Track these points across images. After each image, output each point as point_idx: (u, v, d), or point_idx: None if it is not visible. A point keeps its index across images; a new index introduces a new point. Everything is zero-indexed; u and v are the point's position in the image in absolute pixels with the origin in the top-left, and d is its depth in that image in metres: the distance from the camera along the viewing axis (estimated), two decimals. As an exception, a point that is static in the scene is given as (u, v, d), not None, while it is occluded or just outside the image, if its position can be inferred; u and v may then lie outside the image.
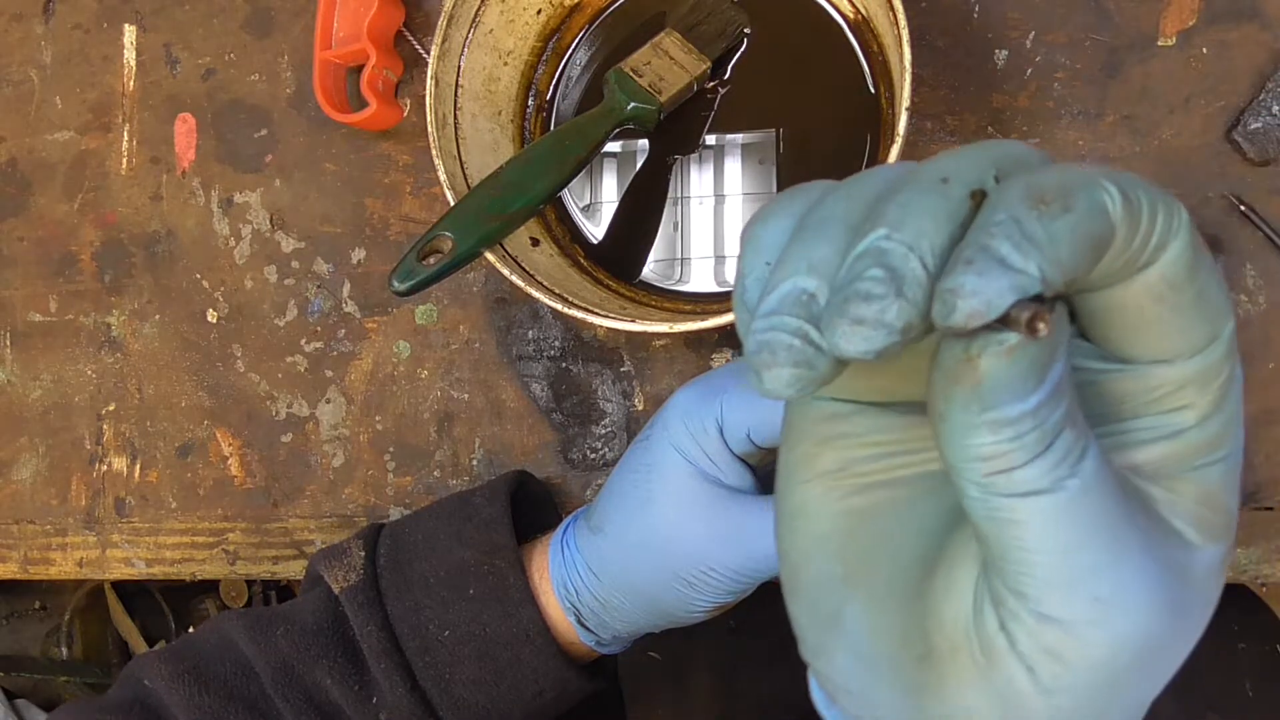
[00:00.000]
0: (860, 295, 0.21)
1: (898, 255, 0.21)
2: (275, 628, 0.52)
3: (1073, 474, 0.22)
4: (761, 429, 0.46)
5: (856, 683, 0.27)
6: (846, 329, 0.21)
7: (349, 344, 0.66)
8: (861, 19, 0.57)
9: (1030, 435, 0.22)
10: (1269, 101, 0.52)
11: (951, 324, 0.20)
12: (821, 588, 0.27)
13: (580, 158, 0.55)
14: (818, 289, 0.23)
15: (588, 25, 0.62)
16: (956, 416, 0.22)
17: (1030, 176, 0.21)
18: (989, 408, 0.21)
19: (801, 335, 0.22)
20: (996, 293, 0.20)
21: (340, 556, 0.54)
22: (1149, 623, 0.23)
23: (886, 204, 0.22)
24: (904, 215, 0.21)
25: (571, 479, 0.62)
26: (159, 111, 0.71)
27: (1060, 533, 0.22)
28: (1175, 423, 0.24)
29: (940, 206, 0.22)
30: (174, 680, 0.51)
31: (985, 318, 0.20)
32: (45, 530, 0.71)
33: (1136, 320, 0.23)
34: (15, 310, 0.72)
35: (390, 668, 0.50)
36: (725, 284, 0.58)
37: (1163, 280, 0.23)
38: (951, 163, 0.22)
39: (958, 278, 0.20)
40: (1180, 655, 0.25)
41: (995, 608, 0.24)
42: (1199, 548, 0.25)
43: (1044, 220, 0.21)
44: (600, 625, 0.51)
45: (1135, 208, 0.22)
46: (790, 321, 0.22)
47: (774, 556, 0.46)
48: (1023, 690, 0.24)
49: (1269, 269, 0.53)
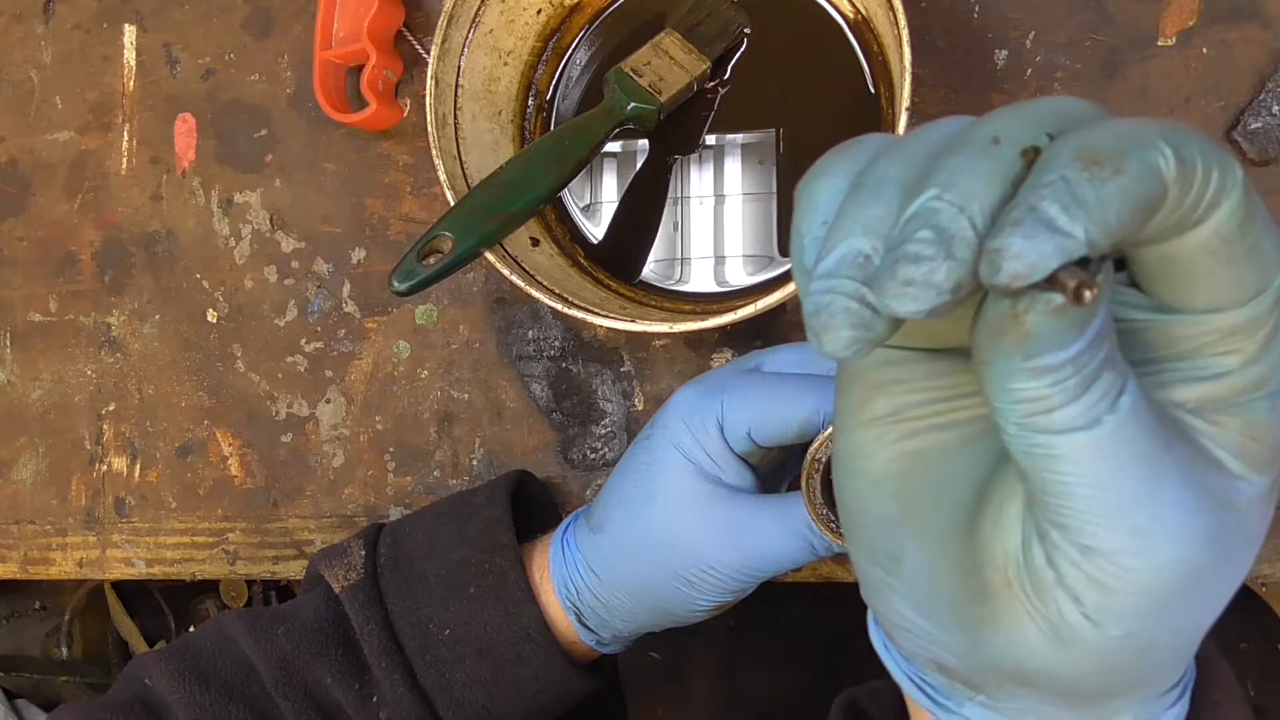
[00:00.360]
0: (910, 257, 0.21)
1: (947, 215, 0.21)
2: (276, 626, 0.52)
3: (1110, 410, 0.23)
4: (762, 428, 0.46)
5: (915, 621, 0.28)
6: (897, 290, 0.21)
7: (349, 344, 0.66)
8: (861, 19, 0.57)
9: (1071, 380, 0.22)
10: (1269, 101, 0.52)
11: (996, 283, 0.21)
12: (879, 529, 0.28)
13: (580, 158, 0.55)
14: (872, 250, 0.23)
15: (588, 25, 0.62)
16: (1000, 364, 0.22)
17: (1083, 135, 0.22)
18: (1032, 356, 0.22)
19: (859, 298, 0.23)
20: (1041, 256, 0.20)
21: (341, 556, 0.54)
22: (1188, 550, 0.24)
23: (938, 164, 0.22)
24: (955, 177, 0.22)
25: (571, 479, 0.62)
26: (159, 111, 0.71)
27: (1097, 465, 0.23)
28: (1220, 365, 0.25)
29: (992, 168, 0.22)
30: (174, 679, 0.51)
31: (1030, 279, 0.21)
32: (45, 530, 0.71)
33: (1187, 272, 0.24)
34: (15, 310, 0.72)
35: (391, 667, 0.50)
36: (725, 284, 0.58)
37: (1215, 236, 0.23)
38: (1004, 121, 0.23)
39: (1004, 239, 0.21)
40: (1227, 586, 0.26)
41: (1041, 542, 0.24)
42: (1242, 478, 0.25)
43: (1094, 183, 0.21)
44: (601, 625, 0.51)
45: (1189, 167, 0.22)
46: (847, 284, 0.23)
47: (774, 555, 0.46)
48: (1072, 620, 0.25)
49: (1269, 269, 0.53)
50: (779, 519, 0.46)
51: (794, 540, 0.45)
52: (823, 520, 0.43)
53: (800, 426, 0.45)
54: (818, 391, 0.45)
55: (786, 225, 0.57)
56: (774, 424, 0.45)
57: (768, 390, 0.46)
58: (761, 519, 0.46)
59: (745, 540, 0.46)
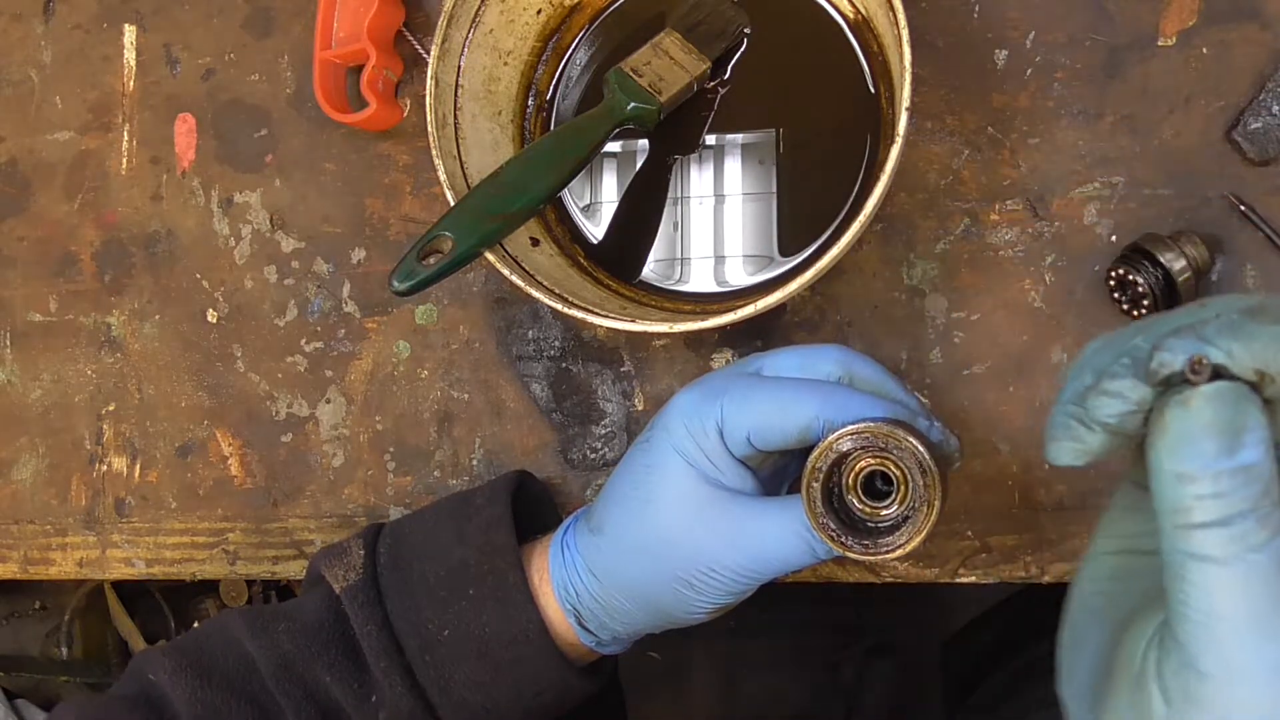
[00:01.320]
0: (1110, 373, 0.29)
1: (1142, 349, 0.29)
2: (277, 624, 0.52)
3: (1242, 556, 0.26)
4: (762, 432, 0.45)
5: (1069, 697, 0.34)
6: (1095, 398, 0.29)
7: (349, 344, 0.66)
8: (861, 19, 0.57)
9: (1210, 500, 0.26)
10: (1269, 101, 0.52)
11: (1148, 377, 0.27)
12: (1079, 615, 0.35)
13: (580, 158, 0.55)
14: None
15: (588, 25, 0.62)
16: (1154, 462, 0.28)
17: (1256, 300, 0.28)
18: (1174, 454, 0.27)
19: (1077, 416, 0.30)
20: (1182, 348, 0.27)
21: (340, 555, 0.54)
22: (1272, 701, 0.27)
23: (1149, 327, 0.30)
24: (1153, 326, 0.30)
25: (571, 479, 0.62)
26: (159, 111, 0.71)
27: (1215, 599, 0.27)
28: None
29: (1185, 327, 0.29)
30: (177, 674, 0.51)
31: (1172, 366, 0.27)
32: (45, 530, 0.71)
33: None
34: (15, 310, 0.72)
35: (390, 667, 0.50)
36: (725, 284, 0.58)
37: None
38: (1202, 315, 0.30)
39: (1163, 340, 0.28)
40: None
41: (1160, 642, 0.29)
42: None
43: (1247, 317, 0.27)
44: (600, 626, 0.51)
45: None
46: (1069, 407, 0.30)
47: (774, 557, 0.46)
48: (1156, 713, 0.29)
49: (1269, 269, 0.53)
50: (779, 521, 0.45)
51: (794, 542, 0.45)
52: (823, 528, 0.43)
53: (800, 432, 0.45)
54: (818, 397, 0.45)
55: (786, 225, 0.57)
56: (774, 429, 0.45)
57: (768, 394, 0.46)
58: (761, 521, 0.46)
59: (745, 542, 0.46)
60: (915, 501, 0.42)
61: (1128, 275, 0.51)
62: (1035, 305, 0.55)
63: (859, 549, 0.43)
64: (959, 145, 0.57)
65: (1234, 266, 0.53)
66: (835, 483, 0.44)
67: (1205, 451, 0.26)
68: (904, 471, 0.43)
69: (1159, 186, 0.54)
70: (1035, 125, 0.56)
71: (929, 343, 0.56)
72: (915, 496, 0.42)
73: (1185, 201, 0.54)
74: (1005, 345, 0.56)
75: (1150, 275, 0.50)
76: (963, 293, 0.56)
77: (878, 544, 0.43)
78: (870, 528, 0.44)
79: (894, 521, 0.43)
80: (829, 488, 0.44)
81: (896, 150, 0.48)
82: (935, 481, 0.42)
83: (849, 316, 0.58)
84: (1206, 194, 0.53)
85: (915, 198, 0.57)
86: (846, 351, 0.49)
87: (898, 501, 0.43)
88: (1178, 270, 0.50)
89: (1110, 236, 0.54)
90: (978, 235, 0.56)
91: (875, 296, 0.57)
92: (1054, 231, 0.55)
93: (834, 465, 0.44)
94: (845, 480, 0.44)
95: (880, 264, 0.57)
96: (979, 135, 0.57)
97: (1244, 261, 0.53)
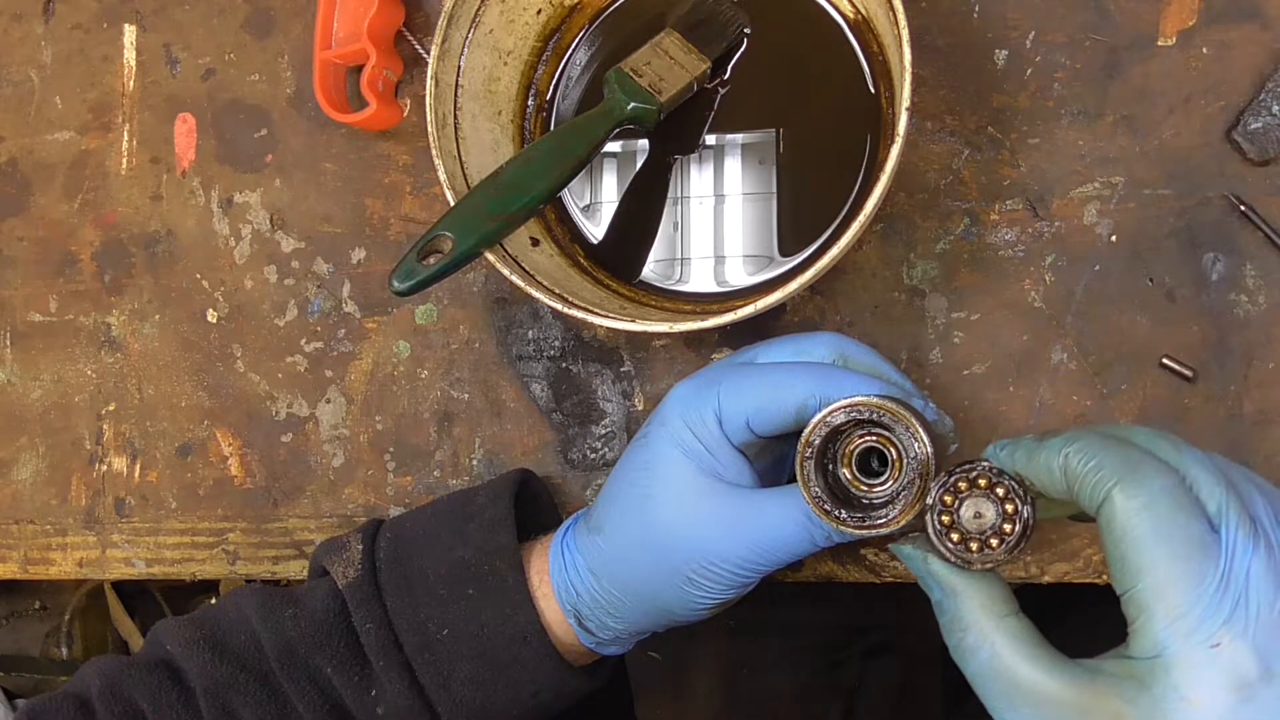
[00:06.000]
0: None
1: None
2: (285, 610, 0.53)
3: None
4: (759, 416, 0.46)
5: None
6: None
7: (349, 344, 0.66)
8: (861, 19, 0.57)
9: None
10: (1269, 101, 0.52)
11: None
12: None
13: (580, 158, 0.55)
14: None
15: (588, 25, 0.62)
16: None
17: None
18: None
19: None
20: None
21: (340, 551, 0.54)
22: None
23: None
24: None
25: (571, 479, 0.62)
26: (159, 111, 0.71)
27: None
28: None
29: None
30: (190, 646, 0.52)
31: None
32: (45, 530, 0.71)
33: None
34: (15, 310, 0.72)
35: (389, 664, 0.51)
36: (725, 284, 0.58)
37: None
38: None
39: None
40: None
41: None
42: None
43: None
44: (601, 626, 0.51)
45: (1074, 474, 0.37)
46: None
47: (775, 545, 0.46)
48: None
49: (1269, 269, 0.53)
50: (778, 507, 0.46)
51: (792, 528, 0.45)
52: (816, 502, 0.43)
53: (797, 411, 0.45)
54: (812, 377, 0.45)
55: (786, 225, 0.58)
56: (771, 411, 0.45)
57: (763, 379, 0.46)
58: (760, 508, 0.46)
59: (745, 531, 0.46)
60: (910, 474, 0.42)
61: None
62: (1035, 305, 0.55)
63: (852, 522, 0.43)
64: (959, 145, 0.57)
65: (1234, 266, 0.53)
66: (830, 458, 0.44)
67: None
68: (898, 446, 0.43)
69: (1159, 186, 0.54)
70: (1035, 125, 0.56)
71: (929, 343, 0.56)
72: (910, 469, 0.42)
73: (1185, 201, 0.54)
74: (1005, 345, 0.56)
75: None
76: (963, 292, 0.56)
77: (871, 517, 0.43)
78: (865, 503, 0.44)
79: (888, 497, 0.44)
80: (823, 463, 0.44)
81: (896, 150, 0.48)
82: (929, 456, 0.42)
83: (849, 316, 0.58)
84: (1206, 194, 0.53)
85: (915, 198, 0.57)
86: (839, 337, 0.49)
87: (892, 478, 0.43)
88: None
89: (1110, 236, 0.54)
90: (978, 235, 0.56)
91: (875, 296, 0.57)
92: (1054, 231, 0.55)
93: (828, 440, 0.44)
94: (840, 454, 0.44)
95: (880, 264, 0.57)
96: (979, 135, 0.57)
97: (1244, 261, 0.53)
